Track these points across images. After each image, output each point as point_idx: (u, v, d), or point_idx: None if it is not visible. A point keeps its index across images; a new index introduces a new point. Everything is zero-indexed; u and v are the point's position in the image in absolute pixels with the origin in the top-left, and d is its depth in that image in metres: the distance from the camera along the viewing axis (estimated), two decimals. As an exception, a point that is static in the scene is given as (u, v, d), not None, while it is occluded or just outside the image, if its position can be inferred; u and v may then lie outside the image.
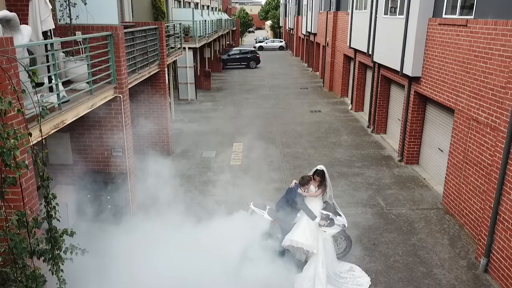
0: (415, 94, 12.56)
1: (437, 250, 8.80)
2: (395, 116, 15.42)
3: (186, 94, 22.85)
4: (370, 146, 15.15)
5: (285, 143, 15.62)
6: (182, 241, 8.57)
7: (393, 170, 12.97)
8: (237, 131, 17.23)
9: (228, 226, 8.49)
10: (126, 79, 9.69)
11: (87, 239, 9.23)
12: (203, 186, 11.89)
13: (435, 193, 11.32)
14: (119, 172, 9.95)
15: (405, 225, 9.76)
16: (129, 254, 8.46)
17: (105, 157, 9.89)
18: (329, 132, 16.98)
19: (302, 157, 14.13)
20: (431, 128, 12.30)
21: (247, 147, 15.18)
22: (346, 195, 11.29)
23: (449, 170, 10.30)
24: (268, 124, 18.36)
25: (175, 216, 10.08)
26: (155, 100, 13.81)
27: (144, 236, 9.08)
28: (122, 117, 9.57)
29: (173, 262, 8.00)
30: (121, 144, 9.76)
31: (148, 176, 12.41)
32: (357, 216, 10.15)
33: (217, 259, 7.92)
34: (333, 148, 15.04)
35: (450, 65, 10.23)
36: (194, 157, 14.20)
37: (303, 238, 7.79)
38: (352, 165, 13.37)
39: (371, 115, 17.07)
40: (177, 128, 17.63)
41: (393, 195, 11.24)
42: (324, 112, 20.46)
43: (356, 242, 9.03)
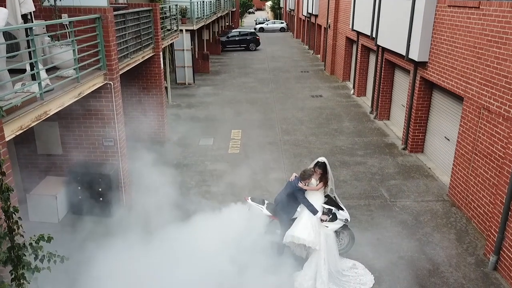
0: (421, 80, 12.02)
1: (444, 245, 8.40)
2: (399, 102, 14.89)
3: (183, 78, 22.24)
4: (373, 133, 14.67)
5: (285, 130, 15.13)
6: (176, 236, 8.19)
7: (397, 159, 12.51)
8: (235, 117, 16.71)
9: (224, 221, 8.10)
10: (117, 65, 9.15)
11: (78, 233, 8.91)
12: (199, 176, 11.45)
13: (440, 184, 10.89)
14: (111, 163, 9.50)
15: (410, 218, 9.35)
16: (120, 249, 8.11)
17: (96, 147, 9.43)
18: (330, 118, 16.46)
19: (302, 145, 13.65)
20: (437, 116, 11.80)
21: (246, 134, 14.70)
22: (348, 185, 10.86)
23: (456, 160, 9.84)
24: (268, 109, 17.84)
25: (170, 209, 9.71)
26: (150, 86, 13.28)
27: (136, 230, 8.72)
28: (113, 106, 9.07)
29: (165, 258, 7.65)
30: (113, 133, 9.28)
31: (142, 166, 11.97)
32: (360, 209, 9.73)
33: (211, 256, 7.55)
34: (334, 135, 14.55)
35: (460, 50, 9.67)
36: (191, 145, 13.73)
37: (305, 234, 7.38)
38: (354, 154, 12.91)
39: (374, 101, 16.54)
40: (174, 114, 17.12)
41: (397, 186, 10.81)
42: (326, 97, 19.90)
43: (359, 236, 8.61)
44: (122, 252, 7.84)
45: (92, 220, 9.22)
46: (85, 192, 9.14)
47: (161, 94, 13.45)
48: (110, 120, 9.19)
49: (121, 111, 9.43)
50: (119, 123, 9.30)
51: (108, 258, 7.73)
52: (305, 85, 22.55)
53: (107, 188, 9.12)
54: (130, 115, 13.56)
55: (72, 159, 9.49)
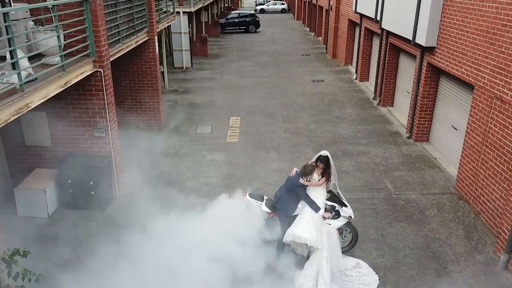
0: (428, 66, 11.47)
1: (451, 242, 8.02)
2: (403, 88, 14.36)
3: (181, 62, 21.63)
4: (376, 121, 14.18)
5: (285, 117, 14.63)
6: (171, 230, 7.81)
7: (401, 148, 12.05)
8: (234, 103, 16.20)
9: (221, 215, 7.70)
10: (107, 51, 8.62)
11: (68, 228, 8.52)
12: (197, 166, 11.01)
13: (447, 175, 10.46)
14: (103, 154, 9.05)
15: (416, 213, 8.95)
16: (112, 245, 7.75)
17: (87, 138, 8.97)
18: (332, 104, 15.95)
19: (303, 133, 13.18)
20: (444, 104, 11.30)
21: (245, 121, 14.22)
22: (351, 177, 10.44)
23: (465, 152, 9.39)
24: (268, 95, 17.30)
25: (165, 202, 9.32)
26: (145, 72, 12.73)
27: (129, 225, 8.34)
28: (103, 94, 8.58)
29: (159, 254, 7.28)
30: (104, 124, 8.81)
31: (136, 156, 11.56)
32: (363, 202, 9.33)
33: (207, 254, 7.19)
34: (336, 122, 14.07)
35: (472, 35, 9.12)
36: (187, 133, 13.26)
37: (306, 232, 6.98)
38: (357, 143, 12.45)
39: (377, 86, 15.99)
40: (171, 99, 16.60)
41: (401, 178, 10.38)
42: (327, 81, 19.33)
43: (362, 233, 8.25)
44: (111, 251, 7.50)
45: (83, 214, 8.83)
46: (76, 185, 8.73)
47: (157, 80, 12.91)
48: (101, 110, 8.71)
49: (113, 100, 8.94)
50: (110, 113, 8.82)
51: (96, 257, 7.41)
52: (306, 69, 21.95)
53: (98, 182, 8.69)
54: (124, 102, 13.08)
55: (61, 150, 9.05)
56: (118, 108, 12.97)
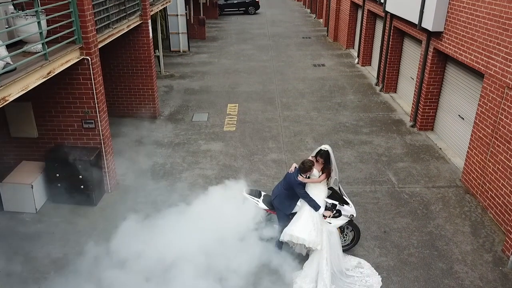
0: (434, 52, 10.94)
1: (458, 240, 7.65)
2: (407, 74, 13.83)
3: (177, 45, 20.99)
4: (379, 108, 13.70)
5: (285, 104, 14.14)
6: (164, 225, 7.45)
7: (405, 137, 11.61)
8: (232, 89, 15.69)
9: (217, 210, 7.31)
10: (94, 37, 8.10)
11: (56, 224, 8.15)
12: (192, 157, 10.59)
13: (452, 167, 10.05)
14: (92, 146, 8.62)
15: (420, 207, 8.57)
16: (102, 243, 7.40)
17: (75, 130, 8.52)
18: (333, 90, 15.43)
19: (303, 121, 12.72)
20: (451, 92, 10.81)
21: (243, 109, 13.74)
22: (353, 169, 10.03)
23: (472, 143, 8.96)
24: (267, 80, 16.76)
25: (159, 196, 8.95)
26: (138, 57, 12.20)
27: (120, 221, 7.96)
28: (91, 84, 8.09)
29: (151, 249, 6.94)
30: (93, 114, 8.35)
31: (129, 146, 11.15)
32: (365, 196, 8.94)
33: (199, 253, 6.85)
34: (338, 110, 13.59)
35: (483, 20, 8.58)
36: (183, 121, 12.80)
37: (305, 233, 6.60)
38: (359, 131, 12.00)
39: (380, 72, 15.45)
40: (166, 85, 16.08)
41: (405, 169, 9.97)
42: (328, 66, 18.76)
43: (364, 229, 7.89)
44: (100, 250, 7.16)
45: (73, 210, 8.45)
46: (64, 179, 8.32)
47: (151, 65, 12.38)
48: (90, 100, 8.24)
49: (102, 89, 8.46)
50: (100, 102, 8.35)
51: (84, 257, 7.06)
52: (307, 52, 21.33)
53: (88, 175, 8.28)
54: (117, 89, 12.59)
55: (49, 142, 8.62)
56: (110, 95, 12.57)
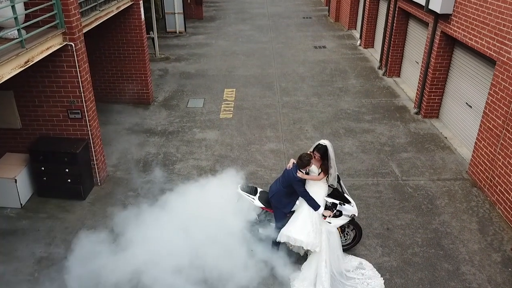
0: (442, 35, 10.35)
1: (464, 238, 7.26)
2: (412, 58, 13.25)
3: (174, 26, 20.27)
4: (382, 93, 13.16)
5: (284, 89, 13.60)
6: (155, 218, 7.06)
7: (409, 125, 11.12)
8: (229, 73, 15.11)
9: (211, 207, 6.90)
10: (79, 22, 7.53)
11: (41, 220, 7.76)
12: (186, 146, 10.13)
13: (459, 158, 9.60)
14: (79, 137, 8.16)
15: (425, 202, 8.15)
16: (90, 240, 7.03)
17: (61, 120, 8.04)
18: (334, 74, 14.85)
19: (303, 107, 12.21)
20: (459, 78, 10.27)
21: (241, 94, 13.21)
22: (354, 159, 9.58)
23: (481, 134, 8.48)
24: (266, 63, 16.16)
25: (151, 189, 8.54)
26: (130, 40, 11.60)
27: (109, 217, 7.59)
28: (77, 72, 7.57)
29: (142, 244, 6.57)
30: (79, 104, 7.86)
31: (121, 134, 10.70)
32: (367, 190, 8.52)
33: (192, 250, 6.49)
34: (339, 95, 13.06)
35: (496, 2, 7.99)
36: (178, 107, 12.29)
37: (303, 234, 6.21)
38: (361, 119, 11.51)
39: (383, 55, 14.84)
40: (161, 68, 15.49)
41: (409, 160, 9.52)
42: (330, 48, 18.10)
43: (366, 226, 7.49)
44: (87, 249, 6.78)
45: (60, 204, 8.05)
46: (50, 173, 7.89)
47: (143, 49, 11.79)
48: (75, 89, 7.73)
49: (88, 77, 7.94)
50: (86, 91, 7.84)
51: (70, 255, 6.69)
52: (307, 33, 20.61)
53: (75, 169, 7.85)
54: (109, 74, 12.05)
55: (33, 133, 8.15)
56: (101, 80, 12.04)
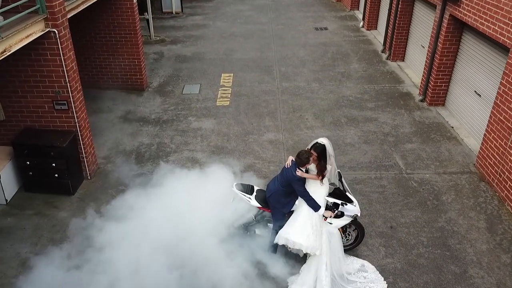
0: (450, 19, 9.80)
1: (472, 237, 6.90)
2: (417, 42, 12.68)
3: (170, 6, 19.56)
4: (386, 79, 12.64)
5: (284, 73, 13.07)
6: (147, 214, 6.71)
7: (414, 113, 10.66)
8: (227, 56, 14.55)
9: (205, 205, 6.53)
10: (62, 6, 6.99)
11: (27, 217, 7.39)
12: (181, 136, 9.70)
13: (466, 149, 9.18)
14: (67, 129, 7.72)
15: (430, 198, 7.77)
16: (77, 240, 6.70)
17: (46, 111, 7.59)
18: (336, 58, 14.29)
19: (303, 94, 11.72)
20: (467, 65, 9.76)
21: (238, 79, 12.70)
22: (356, 150, 9.16)
23: (491, 126, 8.04)
24: (265, 46, 15.58)
25: (143, 183, 8.15)
26: (122, 24, 11.03)
27: (100, 213, 7.22)
28: (61, 60, 7.08)
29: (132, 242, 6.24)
30: (65, 94, 7.39)
31: (113, 123, 10.27)
32: (370, 184, 8.12)
33: (185, 249, 6.16)
34: (341, 81, 12.55)
35: (511, -15, 7.44)
36: (173, 94, 11.80)
37: (302, 237, 5.84)
38: (363, 106, 11.04)
39: (387, 38, 14.25)
40: (156, 51, 14.93)
41: (414, 152, 9.10)
42: (331, 29, 17.46)
43: (369, 223, 7.14)
44: (76, 248, 6.44)
45: (48, 200, 7.67)
46: (36, 167, 7.49)
47: (136, 32, 11.23)
48: (60, 78, 7.25)
49: (74, 66, 7.44)
50: (72, 81, 7.36)
51: (58, 255, 6.35)
52: (308, 14, 19.92)
53: (62, 163, 7.44)
54: (100, 59, 11.52)
55: (18, 125, 7.71)
56: (93, 65, 11.53)
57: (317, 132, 9.78)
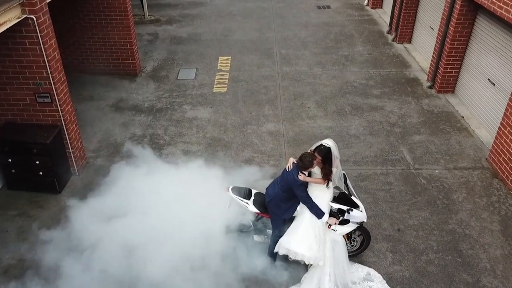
0: (464, 0, 9.11)
1: (485, 241, 6.46)
2: (426, 23, 11.98)
3: (165, -18, 18.64)
4: (392, 63, 12.00)
5: (284, 56, 12.42)
6: (138, 213, 6.27)
7: (422, 101, 10.09)
8: (225, 37, 13.85)
9: (200, 206, 6.08)
10: (41, -11, 6.35)
11: (10, 219, 6.94)
12: (175, 127, 9.16)
13: (477, 142, 8.66)
14: (51, 124, 7.18)
15: (440, 196, 7.30)
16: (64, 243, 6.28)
17: (28, 105, 7.03)
18: (340, 40, 13.59)
19: (305, 79, 11.11)
20: (481, 51, 9.13)
21: (236, 63, 12.05)
22: (361, 143, 8.65)
23: (506, 119, 7.50)
24: (265, 26, 14.84)
25: (134, 180, 7.62)
26: (111, 4, 10.31)
27: (88, 213, 6.75)
28: (41, 49, 6.48)
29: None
30: (47, 86, 6.82)
31: (104, 112, 9.74)
32: (376, 181, 7.64)
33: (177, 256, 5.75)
34: (344, 65, 11.91)
35: (535, -34, 6.76)
36: (167, 79, 11.19)
37: (304, 247, 5.40)
38: (368, 93, 10.45)
39: (393, 17, 13.51)
40: (151, 32, 14.20)
41: (422, 144, 8.59)
42: (334, 8, 16.65)
43: (375, 226, 6.69)
44: (62, 255, 6.01)
45: (33, 198, 7.20)
46: (19, 165, 6.99)
47: (127, 13, 10.52)
48: (41, 69, 6.66)
49: (57, 54, 6.84)
50: (55, 72, 6.77)
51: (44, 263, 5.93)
52: (310, -10, 19.01)
53: (47, 160, 6.93)
54: (90, 43, 10.86)
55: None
56: (82, 49, 10.88)
57: (320, 123, 9.25)
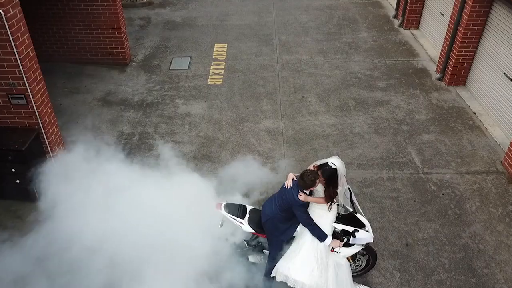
0: (480, -14, 8.38)
1: (501, 259, 5.94)
2: (435, 8, 11.20)
3: (159, -39, 17.65)
4: (398, 51, 11.27)
5: (284, 44, 11.67)
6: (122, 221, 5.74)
7: (431, 95, 9.43)
8: (221, 22, 13.06)
9: (190, 222, 5.53)
10: (9, -21, 5.63)
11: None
12: (166, 124, 8.54)
13: (491, 142, 8.05)
14: (28, 127, 6.56)
15: (452, 205, 6.74)
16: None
17: (2, 107, 6.40)
18: (343, 25, 12.80)
19: (306, 69, 10.42)
20: (496, 42, 8.42)
21: (233, 50, 11.32)
22: (366, 143, 8.04)
23: (525, 121, 6.88)
24: (264, 9, 14.01)
25: (123, 185, 7.04)
26: (97, -11, 9.55)
27: (67, 224, 6.20)
28: (12, 47, 5.80)
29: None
30: (21, 87, 6.17)
31: (91, 107, 9.13)
32: (382, 187, 7.07)
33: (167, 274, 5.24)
34: (348, 53, 11.18)
35: None
36: (159, 69, 10.49)
37: (305, 274, 4.86)
38: (373, 86, 9.78)
39: (400, 1, 12.70)
40: (143, 16, 13.39)
41: (431, 145, 7.98)
42: (337, -11, 15.76)
43: (381, 239, 6.17)
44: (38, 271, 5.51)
45: (10, 207, 6.67)
46: (-8, 173, 6.42)
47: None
48: (13, 68, 6.00)
49: (31, 52, 6.16)
50: (29, 71, 6.11)
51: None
52: (312, -30, 18.03)
53: (23, 168, 6.34)
54: (75, 30, 10.13)
55: (-31, 123, 6.55)
56: (67, 37, 10.19)
57: (321, 119, 8.62)
